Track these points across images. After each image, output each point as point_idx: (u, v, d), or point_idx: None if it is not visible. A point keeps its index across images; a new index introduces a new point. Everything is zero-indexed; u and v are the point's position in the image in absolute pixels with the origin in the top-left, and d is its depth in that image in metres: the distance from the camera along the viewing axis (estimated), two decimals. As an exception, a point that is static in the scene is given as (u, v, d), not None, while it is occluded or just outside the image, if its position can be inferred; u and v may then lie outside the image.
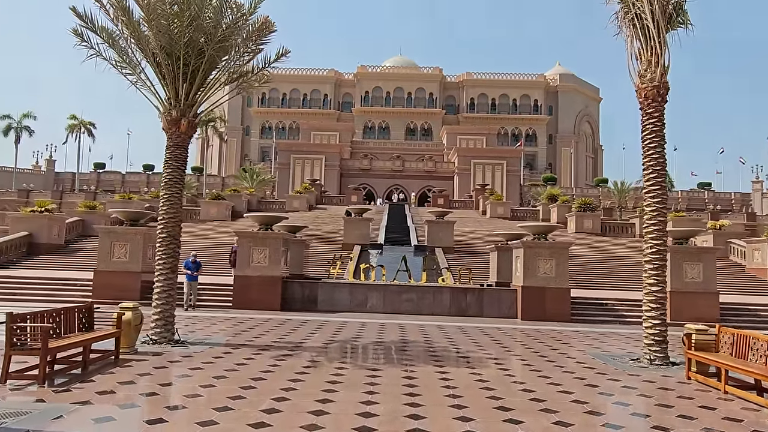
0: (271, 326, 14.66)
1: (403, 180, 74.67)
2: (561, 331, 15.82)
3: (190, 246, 32.56)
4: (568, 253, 18.96)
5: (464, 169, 71.75)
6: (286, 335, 13.03)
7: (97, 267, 19.32)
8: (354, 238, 32.91)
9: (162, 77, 11.31)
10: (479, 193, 59.42)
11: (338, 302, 19.44)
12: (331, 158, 72.71)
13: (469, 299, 19.34)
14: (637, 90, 11.31)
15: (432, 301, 19.40)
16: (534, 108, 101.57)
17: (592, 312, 19.22)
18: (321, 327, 14.79)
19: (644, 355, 10.81)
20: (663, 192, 11.01)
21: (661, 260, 10.92)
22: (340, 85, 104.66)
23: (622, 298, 20.73)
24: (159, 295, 11.12)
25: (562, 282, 18.64)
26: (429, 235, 33.23)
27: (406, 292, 19.53)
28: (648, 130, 11.09)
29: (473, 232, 40.23)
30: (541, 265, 18.65)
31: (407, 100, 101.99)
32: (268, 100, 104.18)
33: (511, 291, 19.36)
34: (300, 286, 19.71)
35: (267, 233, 19.15)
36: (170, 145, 11.39)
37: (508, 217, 50.93)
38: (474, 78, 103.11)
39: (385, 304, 19.38)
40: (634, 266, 30.67)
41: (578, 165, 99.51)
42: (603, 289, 25.82)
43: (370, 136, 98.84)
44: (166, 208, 11.30)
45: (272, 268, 18.94)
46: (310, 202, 54.74)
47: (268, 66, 12.38)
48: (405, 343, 12.43)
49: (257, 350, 10.67)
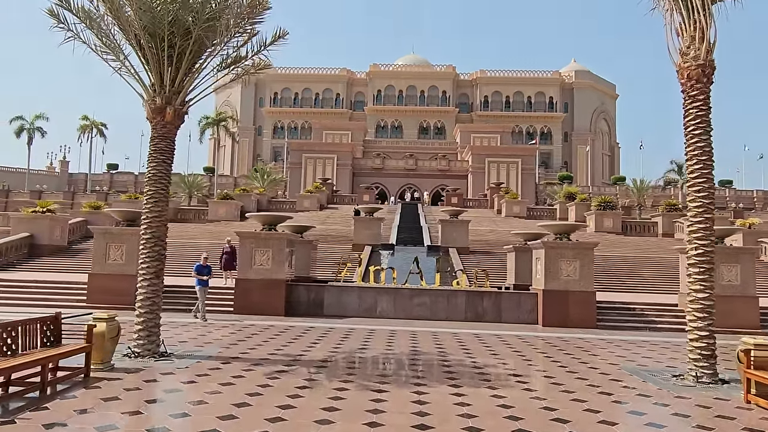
0: (271, 334, 13.52)
1: (416, 179, 73.45)
2: (587, 339, 14.47)
3: (195, 247, 31.98)
4: (593, 253, 17.58)
5: (478, 168, 70.32)
6: (285, 346, 11.87)
7: (92, 270, 18.37)
8: (364, 238, 31.76)
9: (145, 61, 10.21)
10: (494, 191, 57.94)
11: (346, 307, 18.27)
12: (343, 157, 71.71)
13: (485, 304, 18.04)
14: (679, 70, 9.97)
15: (446, 306, 18.14)
16: (549, 105, 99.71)
17: (619, 318, 17.81)
18: (325, 335, 13.62)
19: (689, 372, 9.46)
20: (710, 186, 9.65)
21: (708, 263, 9.56)
22: (352, 84, 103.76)
23: (651, 302, 19.30)
24: (142, 302, 10.02)
25: (587, 285, 17.27)
26: (443, 235, 31.95)
27: (418, 296, 18.30)
28: (692, 116, 9.74)
29: (489, 232, 38.84)
30: (563, 267, 17.30)
31: (420, 98, 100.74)
32: (280, 99, 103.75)
33: (531, 295, 18.03)
34: (305, 289, 18.57)
35: (270, 233, 18.04)
36: (155, 136, 10.29)
37: (524, 216, 49.44)
38: (488, 76, 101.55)
39: (396, 308, 18.17)
40: (659, 267, 29.15)
41: (594, 163, 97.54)
42: (628, 291, 24.38)
43: (382, 135, 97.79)
44: (150, 206, 10.20)
45: (275, 270, 17.82)
46: (321, 201, 53.73)
47: (264, 49, 11.21)
48: (416, 355, 11.20)
49: (250, 365, 9.52)
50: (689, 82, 9.78)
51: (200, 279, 16.27)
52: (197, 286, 16.30)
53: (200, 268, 16.46)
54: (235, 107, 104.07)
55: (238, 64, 11.66)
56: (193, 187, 63.01)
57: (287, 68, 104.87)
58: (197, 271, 16.42)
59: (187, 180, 63.26)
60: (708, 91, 9.76)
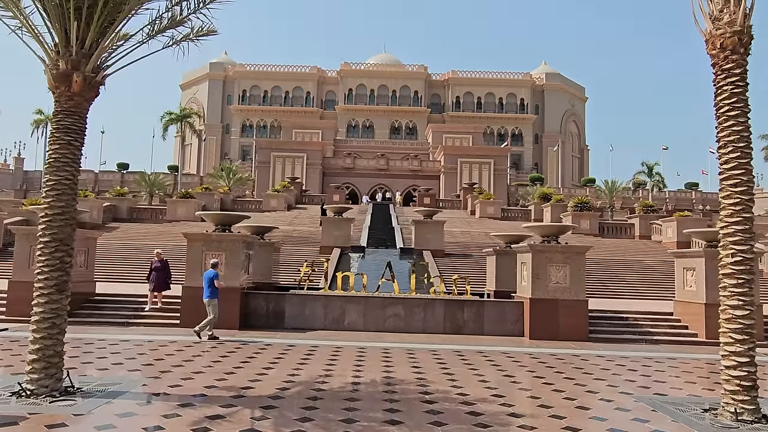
0: (217, 356, 11.34)
1: (388, 179, 71.77)
2: (584, 356, 12.74)
3: (145, 250, 29.17)
4: (584, 258, 15.92)
5: (451, 168, 69.15)
6: (231, 373, 9.73)
7: (13, 277, 15.80)
8: (333, 240, 29.69)
9: (46, 15, 7.97)
10: (467, 192, 56.55)
11: (310, 318, 16.16)
12: (313, 156, 69.50)
13: (466, 314, 16.18)
14: (709, 39, 8.26)
15: (422, 317, 16.22)
16: (520, 107, 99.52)
17: (612, 329, 16.20)
18: (282, 356, 11.52)
19: (725, 407, 7.73)
20: (749, 180, 7.95)
21: (748, 273, 7.86)
22: (323, 82, 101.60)
23: (644, 310, 17.77)
24: (38, 325, 7.75)
25: (578, 293, 15.59)
26: (416, 236, 30.10)
27: (391, 306, 16.32)
28: (726, 93, 8.04)
29: (463, 234, 37.22)
30: (552, 273, 15.57)
31: (392, 98, 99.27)
32: (249, 97, 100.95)
33: (517, 304, 16.25)
34: (264, 299, 16.37)
35: (223, 235, 15.79)
36: (58, 111, 8.05)
37: (498, 217, 48.14)
38: (459, 76, 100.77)
39: (367, 320, 16.15)
40: (643, 271, 27.93)
41: (564, 165, 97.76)
42: (614, 297, 22.95)
43: (353, 135, 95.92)
44: (50, 200, 7.94)
45: (229, 277, 15.59)
46: (288, 201, 51.38)
47: (204, 7, 9.08)
48: (390, 385, 9.21)
49: (176, 406, 7.38)
50: (722, 53, 8.07)
51: (212, 289, 13.70)
52: (207, 299, 13.67)
53: (214, 275, 13.85)
54: (202, 104, 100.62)
55: (174, 27, 9.50)
56: (154, 186, 59.92)
57: (256, 65, 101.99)
58: (207, 281, 13.76)
59: (148, 178, 60.16)
60: (745, 64, 8.07)
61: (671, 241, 35.12)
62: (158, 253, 17.29)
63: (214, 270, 14.07)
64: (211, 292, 13.69)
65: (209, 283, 13.72)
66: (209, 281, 13.74)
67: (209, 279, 13.77)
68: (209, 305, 13.65)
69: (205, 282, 13.81)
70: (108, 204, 39.40)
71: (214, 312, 13.61)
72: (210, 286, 13.70)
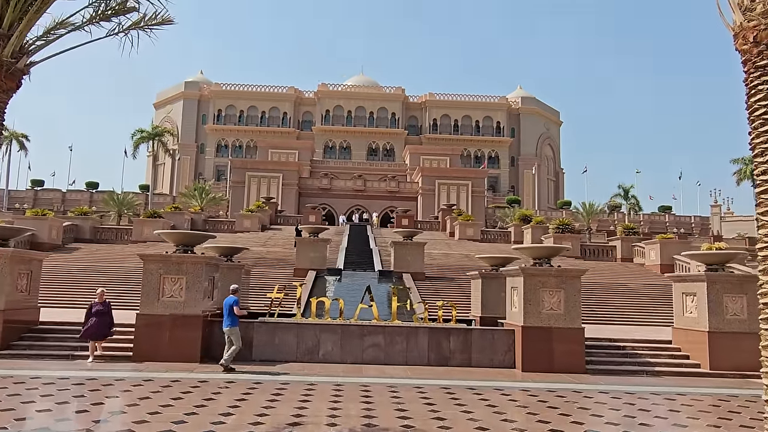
0: (167, 399, 9.69)
1: (365, 200, 70.64)
2: (586, 392, 11.46)
3: (102, 272, 27.17)
4: (580, 283, 14.73)
5: (428, 190, 68.45)
6: (179, 423, 8.13)
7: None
8: (308, 262, 28.14)
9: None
10: (446, 213, 55.61)
11: (281, 349, 14.58)
12: (289, 177, 68.02)
13: (453, 343, 14.80)
14: (739, 33, 7.22)
15: (405, 346, 14.78)
16: (496, 130, 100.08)
17: (609, 359, 14.98)
18: (245, 398, 9.94)
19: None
20: (791, 191, 6.85)
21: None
22: (300, 103, 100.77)
23: (640, 338, 16.62)
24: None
25: (574, 320, 14.37)
26: (396, 259, 28.73)
27: (370, 335, 14.85)
28: (762, 94, 6.95)
29: (443, 256, 36.02)
30: (546, 299, 14.35)
31: (369, 119, 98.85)
32: (225, 117, 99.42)
33: (507, 332, 14.94)
34: (229, 327, 14.74)
35: (184, 256, 14.19)
36: (-33, 103, 6.56)
37: (478, 239, 47.21)
38: (436, 99, 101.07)
39: (344, 351, 14.64)
40: (629, 295, 27.00)
41: (541, 188, 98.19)
42: (604, 323, 21.85)
43: (330, 156, 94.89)
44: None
45: (190, 303, 13.98)
46: (263, 221, 49.64)
47: (154, -13, 7.74)
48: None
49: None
50: (756, 48, 7.03)
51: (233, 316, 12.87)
52: (228, 328, 12.81)
53: (233, 302, 12.97)
54: (176, 123, 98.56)
55: (122, 13, 8.14)
56: (123, 205, 57.67)
57: (233, 85, 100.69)
58: (228, 309, 12.86)
59: (116, 198, 57.88)
60: (781, 60, 7.04)
61: (654, 264, 34.49)
62: (102, 292, 14.26)
63: (234, 296, 13.21)
64: (231, 320, 12.86)
65: (229, 310, 12.89)
66: (229, 308, 12.91)
67: (229, 306, 12.91)
68: (231, 334, 12.86)
69: (225, 309, 12.96)
70: (69, 223, 37.15)
71: (237, 342, 12.84)
72: (230, 314, 12.88)
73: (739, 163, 70.94)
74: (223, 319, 13.02)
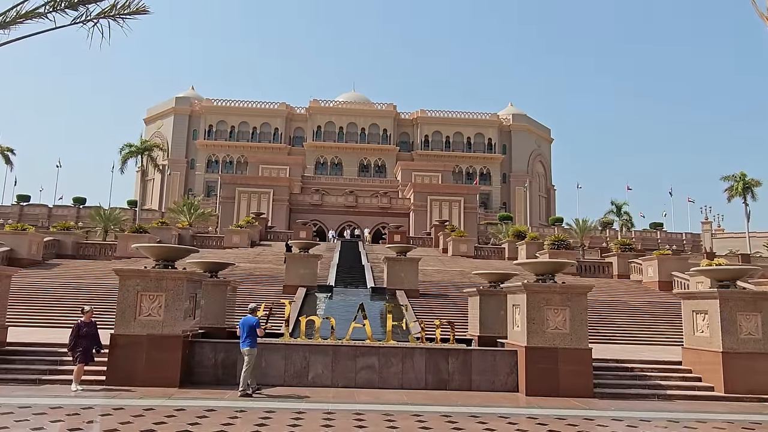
0: (138, 430, 8.68)
1: (357, 216, 69.80)
2: (598, 420, 10.56)
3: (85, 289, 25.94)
4: (586, 300, 13.92)
5: (420, 206, 67.84)
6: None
7: None
8: (298, 278, 27.15)
9: None
10: (438, 229, 54.91)
11: (267, 372, 13.56)
12: (280, 192, 67.11)
13: (452, 365, 13.86)
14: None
15: (401, 368, 13.82)
16: (488, 147, 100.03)
17: (618, 382, 14.10)
18: (225, 430, 8.94)
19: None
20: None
21: None
22: (291, 119, 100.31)
23: (648, 359, 15.78)
24: None
25: (580, 340, 13.51)
26: (389, 275, 27.81)
27: (364, 356, 13.88)
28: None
29: (437, 273, 35.16)
30: (551, 317, 13.50)
31: (361, 135, 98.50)
32: (216, 132, 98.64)
33: (510, 353, 14.04)
34: (212, 348, 13.72)
35: (163, 272, 13.21)
36: None
37: (472, 255, 46.45)
38: (428, 115, 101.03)
39: (335, 373, 13.65)
40: (629, 312, 26.20)
41: (532, 204, 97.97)
42: (606, 342, 21.01)
43: (322, 172, 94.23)
44: None
45: (169, 322, 12.97)
46: (252, 237, 48.58)
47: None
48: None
49: None
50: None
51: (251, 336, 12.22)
52: (247, 348, 12.14)
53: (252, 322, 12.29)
54: (166, 139, 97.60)
55: (89, 1, 7.34)
56: (109, 220, 56.41)
57: (224, 100, 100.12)
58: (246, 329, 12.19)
59: (103, 213, 56.64)
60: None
61: (653, 281, 33.82)
62: (90, 311, 12.82)
63: (255, 316, 12.58)
64: (252, 341, 12.21)
65: (250, 330, 12.25)
66: (249, 329, 12.25)
67: (250, 326, 12.26)
68: (249, 355, 12.15)
69: (243, 329, 12.29)
70: (51, 239, 35.95)
71: (249, 363, 12.11)
72: (251, 334, 12.23)
73: (730, 180, 70.98)
74: (241, 339, 12.30)
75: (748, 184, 69.52)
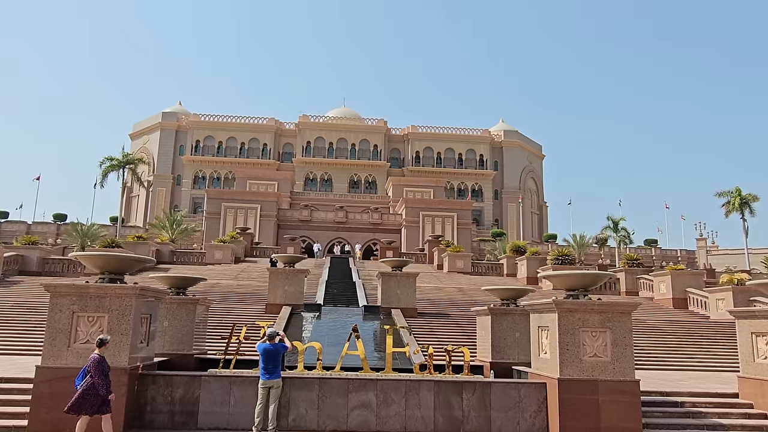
0: None
1: (347, 233, 67.23)
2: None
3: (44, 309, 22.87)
4: (631, 321, 11.42)
5: (413, 222, 65.60)
6: None
7: None
8: (282, 296, 24.42)
9: None
10: (433, 245, 52.43)
11: (237, 412, 10.85)
12: (268, 208, 64.51)
13: (466, 402, 11.23)
14: None
15: (404, 406, 11.16)
16: (480, 163, 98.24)
17: (669, 421, 11.53)
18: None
19: None
20: None
21: None
22: (280, 134, 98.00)
23: (697, 391, 13.25)
24: None
25: (625, 371, 10.98)
26: (383, 292, 25.16)
27: (358, 391, 11.22)
28: None
29: (434, 290, 32.62)
30: (588, 342, 10.98)
31: (351, 151, 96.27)
32: (203, 148, 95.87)
33: (537, 386, 11.45)
34: (167, 383, 10.96)
35: (106, 287, 10.51)
36: None
37: (468, 271, 43.98)
38: (419, 131, 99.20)
39: (322, 413, 10.97)
40: (650, 333, 23.72)
41: (525, 221, 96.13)
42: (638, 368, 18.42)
43: (311, 188, 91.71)
44: None
45: (114, 350, 10.26)
46: (236, 253, 45.79)
47: None
48: None
49: None
50: None
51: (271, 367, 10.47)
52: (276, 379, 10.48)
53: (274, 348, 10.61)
54: (152, 154, 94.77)
55: None
56: (87, 236, 53.27)
57: (212, 115, 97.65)
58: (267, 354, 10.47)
59: (80, 229, 53.54)
60: None
61: (665, 298, 31.48)
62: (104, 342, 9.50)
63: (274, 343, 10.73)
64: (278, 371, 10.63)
65: (280, 358, 10.80)
66: (280, 356, 10.76)
67: (279, 354, 10.74)
68: (276, 388, 10.59)
69: (263, 355, 10.50)
70: (13, 254, 32.93)
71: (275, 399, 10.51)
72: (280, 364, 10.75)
73: (726, 195, 69.35)
74: (261, 368, 10.48)
75: (746, 199, 67.88)
